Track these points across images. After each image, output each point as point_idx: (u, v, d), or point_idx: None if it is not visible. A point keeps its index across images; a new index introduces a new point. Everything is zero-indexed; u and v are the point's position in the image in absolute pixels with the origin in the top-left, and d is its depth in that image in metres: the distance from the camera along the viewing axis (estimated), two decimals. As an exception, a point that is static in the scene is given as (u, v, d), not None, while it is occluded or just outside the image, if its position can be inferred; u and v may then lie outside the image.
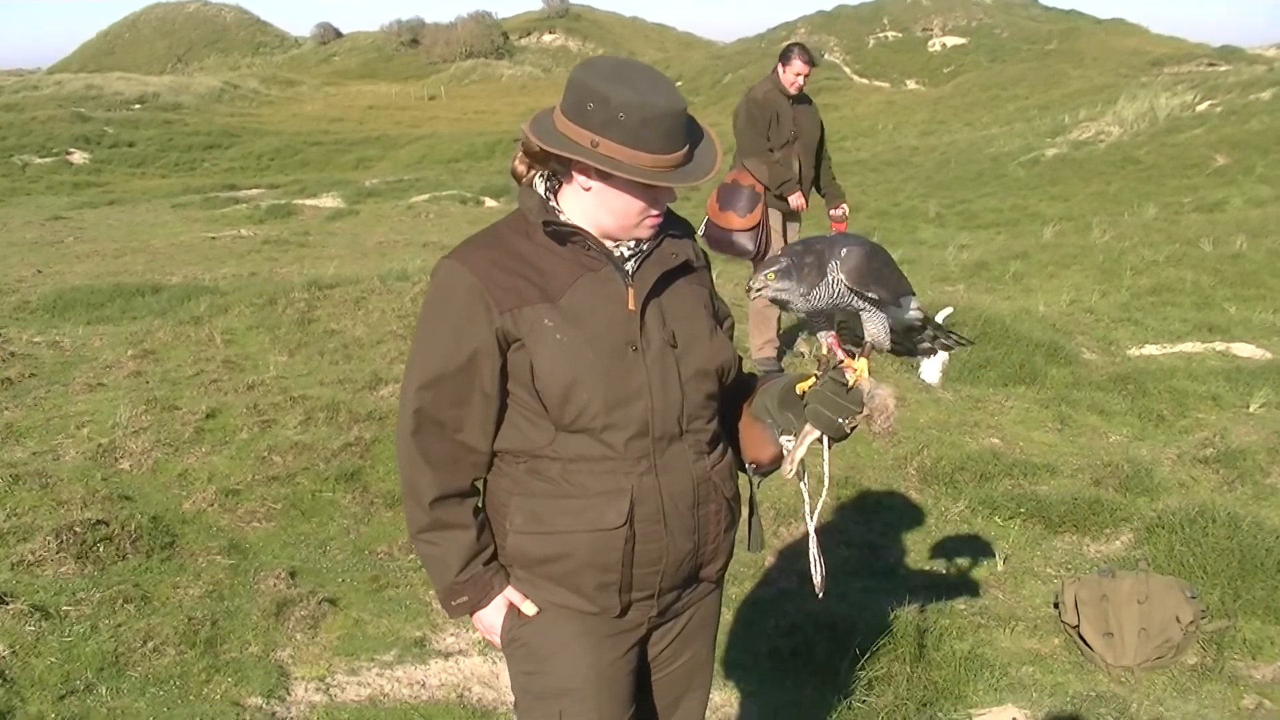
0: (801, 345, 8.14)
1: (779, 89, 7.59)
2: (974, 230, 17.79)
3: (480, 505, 2.31)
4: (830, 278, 2.30)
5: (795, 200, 7.52)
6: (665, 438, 2.22)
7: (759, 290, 2.34)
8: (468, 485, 2.28)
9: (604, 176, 2.17)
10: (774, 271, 2.31)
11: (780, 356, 7.93)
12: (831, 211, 7.80)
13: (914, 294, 2.45)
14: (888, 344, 2.37)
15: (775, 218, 7.59)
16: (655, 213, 2.23)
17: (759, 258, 7.27)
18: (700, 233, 7.22)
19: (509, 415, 2.24)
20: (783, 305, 2.37)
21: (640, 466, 2.20)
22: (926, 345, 2.55)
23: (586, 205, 2.22)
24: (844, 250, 2.30)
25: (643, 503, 2.21)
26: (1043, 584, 5.15)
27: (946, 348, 2.56)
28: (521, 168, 2.29)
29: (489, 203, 21.63)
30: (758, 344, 7.75)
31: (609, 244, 2.25)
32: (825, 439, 2.30)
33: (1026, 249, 14.11)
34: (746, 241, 7.28)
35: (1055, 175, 21.82)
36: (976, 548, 5.44)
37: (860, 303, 2.32)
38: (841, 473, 6.07)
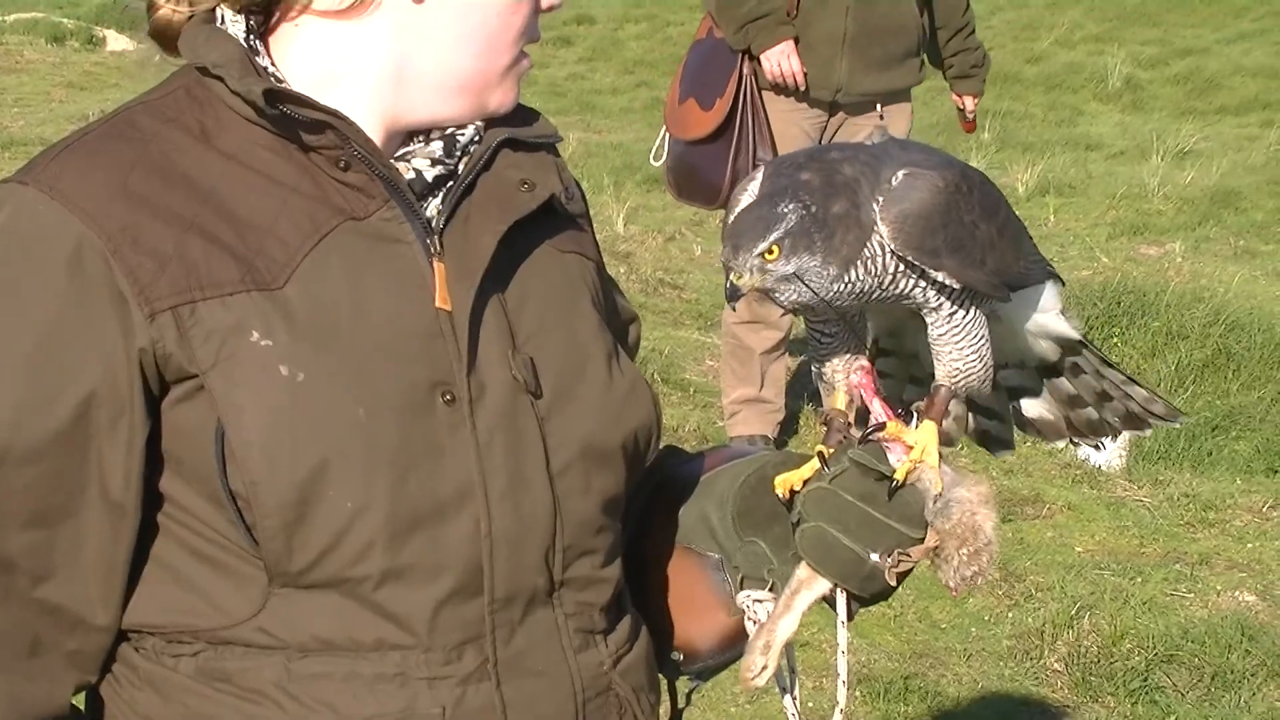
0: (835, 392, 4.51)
1: None
2: (1209, 117, 10.17)
3: None
4: (866, 229, 1.22)
5: (772, 61, 4.17)
6: (517, 600, 1.24)
7: (754, 284, 1.25)
8: (60, 706, 1.23)
9: None
10: (778, 239, 1.22)
11: (781, 430, 4.70)
12: (958, 98, 4.77)
13: (1058, 278, 1.41)
14: (987, 390, 1.32)
15: (788, 115, 4.29)
16: (524, 43, 1.26)
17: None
18: (658, 159, 4.47)
19: (162, 549, 1.22)
20: (801, 310, 1.29)
21: (462, 665, 1.22)
22: (1085, 416, 1.43)
23: (371, 48, 1.20)
24: (897, 176, 1.25)
25: None
26: None
27: (1135, 425, 1.43)
28: None
29: (116, 44, 12.35)
30: (734, 396, 4.63)
31: (394, 152, 1.24)
32: (841, 596, 1.29)
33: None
34: (701, 160, 4.25)
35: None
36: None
37: (923, 289, 1.27)
38: (891, 667, 3.37)
